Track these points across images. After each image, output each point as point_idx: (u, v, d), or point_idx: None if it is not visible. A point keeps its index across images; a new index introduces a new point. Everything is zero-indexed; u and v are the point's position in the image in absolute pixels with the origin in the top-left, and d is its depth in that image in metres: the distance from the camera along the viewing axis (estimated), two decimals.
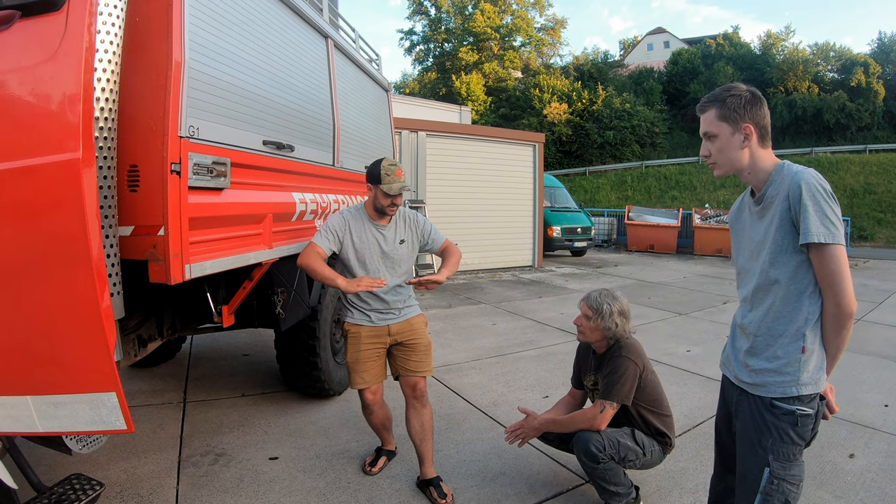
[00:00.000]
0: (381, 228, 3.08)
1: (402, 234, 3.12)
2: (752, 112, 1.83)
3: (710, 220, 16.96)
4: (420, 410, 3.11)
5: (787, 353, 1.81)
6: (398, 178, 2.92)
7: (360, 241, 3.03)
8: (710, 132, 1.89)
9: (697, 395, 4.62)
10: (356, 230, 3.03)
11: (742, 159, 1.87)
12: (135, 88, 2.13)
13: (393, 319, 3.09)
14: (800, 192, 1.71)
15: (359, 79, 4.88)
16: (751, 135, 1.83)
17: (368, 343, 3.05)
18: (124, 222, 2.13)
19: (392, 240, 3.09)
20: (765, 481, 1.83)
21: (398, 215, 3.12)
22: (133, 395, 4.21)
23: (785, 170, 1.81)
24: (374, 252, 3.05)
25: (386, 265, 3.07)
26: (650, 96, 38.59)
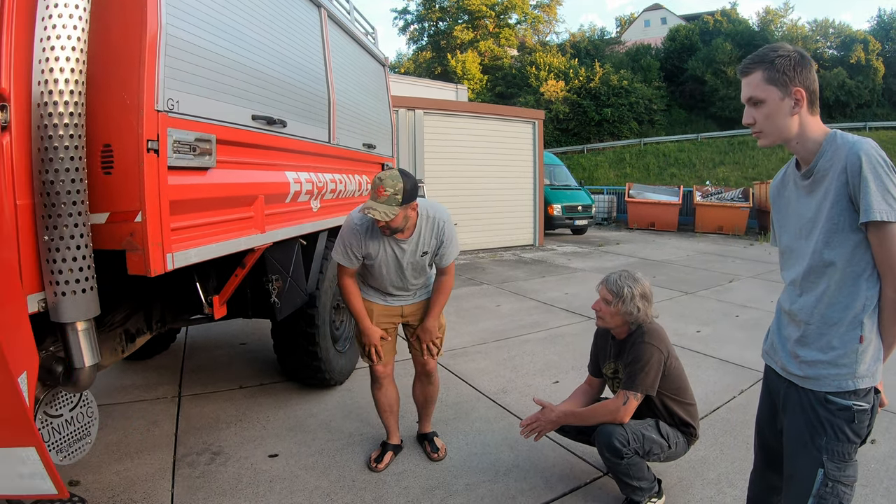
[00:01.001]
0: (400, 243, 2.86)
1: (426, 244, 2.90)
2: (802, 74, 1.62)
3: (711, 197, 16.76)
4: (426, 384, 3.23)
5: (843, 343, 1.63)
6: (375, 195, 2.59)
7: (378, 256, 2.87)
8: (756, 97, 1.66)
9: (713, 379, 4.46)
10: (373, 247, 2.85)
11: (791, 127, 1.65)
12: (106, 58, 1.89)
13: (408, 301, 3.08)
14: (859, 165, 1.51)
15: (354, 52, 4.62)
16: (801, 100, 1.62)
17: (380, 320, 3.05)
18: (98, 209, 1.90)
19: (412, 252, 2.89)
20: (818, 483, 1.66)
21: (424, 223, 2.86)
22: (126, 390, 4.01)
23: (839, 139, 1.60)
24: (391, 265, 2.92)
25: (406, 272, 2.96)
26: (648, 73, 38.12)
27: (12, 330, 1.46)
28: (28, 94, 1.66)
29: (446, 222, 2.90)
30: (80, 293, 1.76)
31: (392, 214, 2.57)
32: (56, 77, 1.65)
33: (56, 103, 1.65)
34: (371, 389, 3.18)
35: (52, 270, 1.71)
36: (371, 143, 4.85)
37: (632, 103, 35.39)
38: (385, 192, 2.57)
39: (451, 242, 2.93)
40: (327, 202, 3.81)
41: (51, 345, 1.97)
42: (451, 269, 3.02)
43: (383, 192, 2.57)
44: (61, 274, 1.71)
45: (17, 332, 1.49)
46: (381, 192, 2.57)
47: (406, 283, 3.00)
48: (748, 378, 4.52)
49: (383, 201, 2.57)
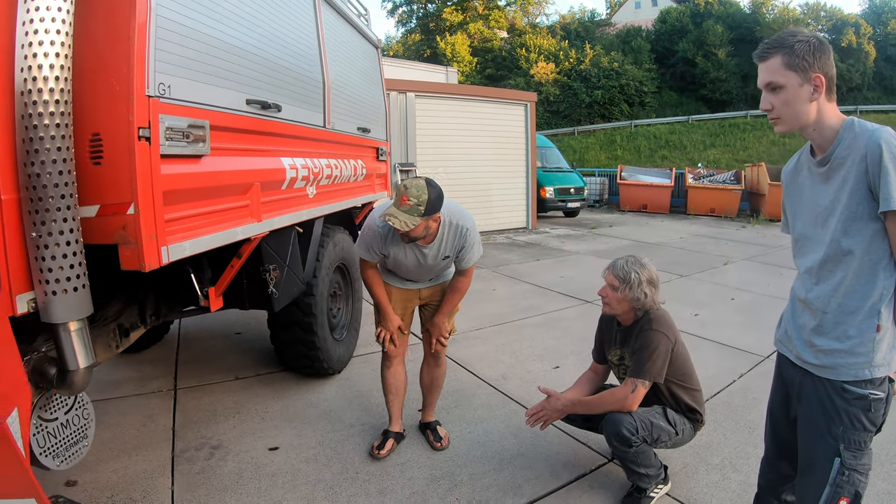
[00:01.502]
0: (421, 248, 2.84)
1: (448, 250, 2.87)
2: (821, 60, 1.57)
3: (703, 179, 16.73)
4: (433, 368, 3.23)
5: (859, 332, 1.61)
6: (397, 204, 2.55)
7: (398, 258, 2.88)
8: (774, 82, 1.61)
9: (712, 362, 4.45)
10: (394, 250, 2.84)
11: (810, 114, 1.61)
12: (93, 41, 1.78)
13: (425, 284, 3.11)
14: (880, 154, 1.48)
15: (348, 33, 4.50)
16: (820, 86, 1.58)
17: (397, 303, 3.08)
18: (87, 201, 1.80)
19: (433, 256, 2.88)
20: (835, 472, 1.65)
21: (447, 230, 2.81)
22: (120, 385, 3.92)
23: (857, 127, 1.56)
24: (410, 266, 2.92)
25: (425, 272, 3.00)
26: (638, 55, 37.97)
27: None
28: (11, 82, 1.56)
29: (469, 229, 2.85)
30: (72, 292, 1.66)
31: (412, 225, 2.53)
32: (41, 63, 1.53)
33: (41, 91, 1.54)
34: (381, 368, 3.19)
35: (42, 269, 1.61)
36: (366, 126, 4.75)
37: (622, 85, 35.30)
38: (408, 202, 2.52)
39: (473, 247, 2.89)
40: (323, 188, 3.73)
41: (42, 345, 1.88)
42: (470, 271, 3.00)
43: (406, 202, 2.52)
44: (51, 272, 1.62)
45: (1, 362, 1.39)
46: (403, 200, 2.53)
47: (423, 279, 3.07)
48: (747, 361, 4.51)
49: (405, 210, 2.53)
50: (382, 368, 3.18)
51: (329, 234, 4.03)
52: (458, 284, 3.02)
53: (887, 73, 34.88)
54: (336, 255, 4.12)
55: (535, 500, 2.69)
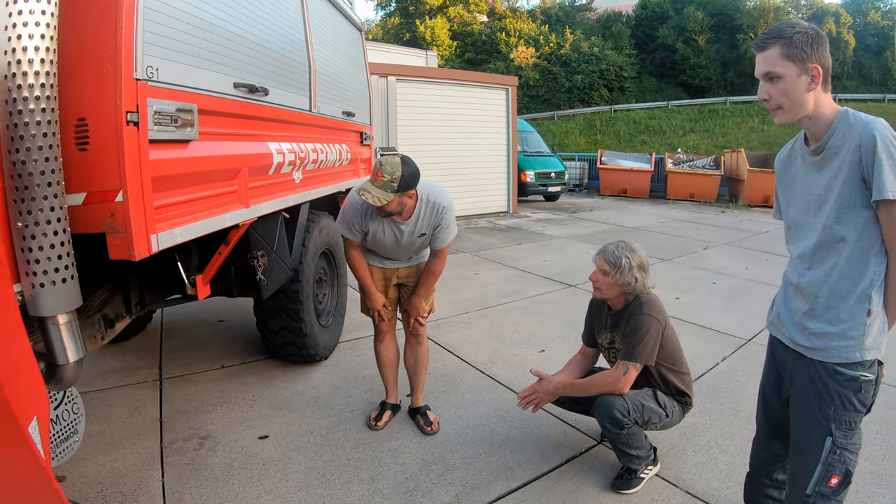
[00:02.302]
0: (398, 224, 2.91)
1: (424, 227, 2.94)
2: (818, 52, 1.60)
3: (683, 164, 16.89)
4: (415, 347, 3.28)
5: (851, 316, 1.65)
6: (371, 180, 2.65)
7: (377, 234, 2.94)
8: (773, 72, 1.63)
9: (695, 345, 4.51)
10: (372, 226, 2.92)
11: (807, 104, 1.64)
12: (79, 23, 1.71)
13: (402, 264, 3.17)
14: (874, 144, 1.52)
15: (333, 16, 4.42)
16: (818, 77, 1.61)
17: (378, 277, 3.16)
18: (74, 189, 1.73)
19: (409, 233, 2.95)
20: (826, 451, 1.70)
21: (424, 207, 2.90)
22: (105, 376, 3.85)
23: (851, 118, 1.60)
24: (388, 243, 2.98)
25: (403, 249, 3.05)
26: (618, 40, 38.01)
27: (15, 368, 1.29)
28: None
29: (446, 208, 2.93)
30: (60, 283, 1.60)
31: (385, 200, 2.62)
32: (25, 45, 1.46)
33: (26, 74, 1.47)
34: (374, 343, 3.31)
35: (29, 260, 1.55)
36: (350, 110, 4.69)
37: (602, 70, 35.35)
38: (382, 178, 2.61)
39: (448, 227, 2.97)
40: (309, 173, 3.68)
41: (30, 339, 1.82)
42: (444, 252, 3.06)
43: (380, 178, 2.61)
44: (38, 263, 1.56)
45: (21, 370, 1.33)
46: (378, 176, 2.62)
47: (402, 257, 3.12)
48: (729, 344, 4.59)
49: (379, 186, 2.62)
50: (375, 343, 3.29)
51: (314, 219, 3.99)
52: (433, 267, 3.08)
53: (866, 63, 35.40)
54: (321, 241, 4.08)
55: (527, 482, 2.71)
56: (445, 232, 2.97)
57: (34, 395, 1.36)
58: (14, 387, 1.25)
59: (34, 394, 1.37)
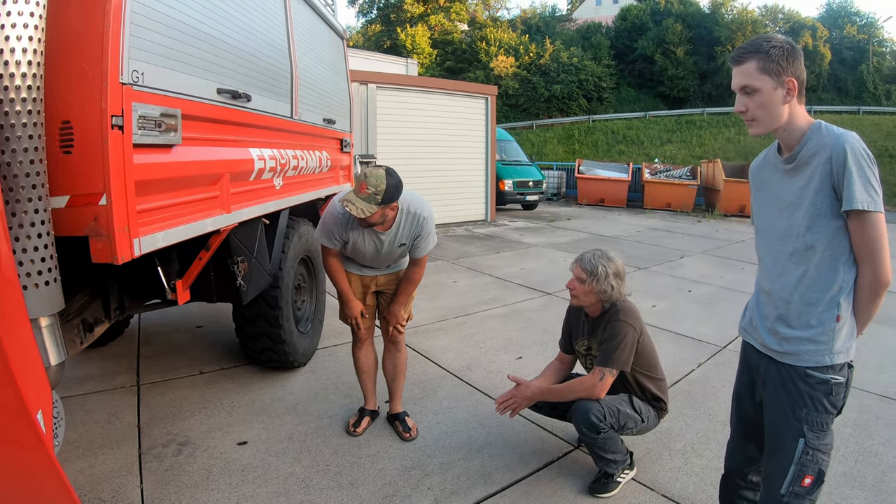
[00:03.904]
0: (379, 234, 2.93)
1: (404, 237, 2.97)
2: (794, 65, 1.67)
3: (660, 174, 17.15)
4: (394, 354, 3.29)
5: (820, 322, 1.72)
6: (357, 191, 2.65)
7: (357, 243, 2.96)
8: (750, 86, 1.69)
9: (671, 352, 4.60)
10: (353, 235, 2.93)
11: (783, 116, 1.70)
12: (66, 25, 1.71)
13: (381, 272, 3.17)
14: (844, 156, 1.58)
15: (315, 24, 4.44)
16: (793, 90, 1.67)
17: (356, 285, 3.16)
18: (57, 192, 1.73)
19: (390, 242, 2.97)
20: (799, 452, 1.75)
21: (404, 219, 2.92)
22: (82, 382, 3.80)
23: (824, 130, 1.67)
24: (368, 252, 3.00)
25: (382, 258, 3.07)
26: (598, 51, 38.54)
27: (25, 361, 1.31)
28: None
29: (426, 218, 2.95)
30: (44, 286, 1.60)
31: (369, 212, 2.63)
32: (13, 46, 1.46)
33: (13, 75, 1.47)
34: (352, 350, 3.30)
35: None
36: (331, 118, 4.71)
37: (581, 80, 35.77)
38: (366, 190, 2.62)
39: (429, 237, 2.99)
40: (289, 179, 3.68)
41: None
42: (423, 261, 3.10)
43: (364, 190, 2.63)
44: (22, 266, 1.55)
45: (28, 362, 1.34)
46: (362, 188, 2.63)
47: (381, 265, 3.14)
48: (705, 351, 4.68)
49: (363, 198, 2.63)
50: (353, 350, 3.29)
51: (294, 225, 4.00)
52: (412, 275, 3.11)
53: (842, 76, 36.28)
54: (301, 247, 4.08)
55: (505, 487, 2.74)
56: (426, 241, 2.99)
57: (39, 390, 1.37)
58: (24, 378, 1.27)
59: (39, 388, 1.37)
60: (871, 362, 4.46)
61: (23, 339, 1.35)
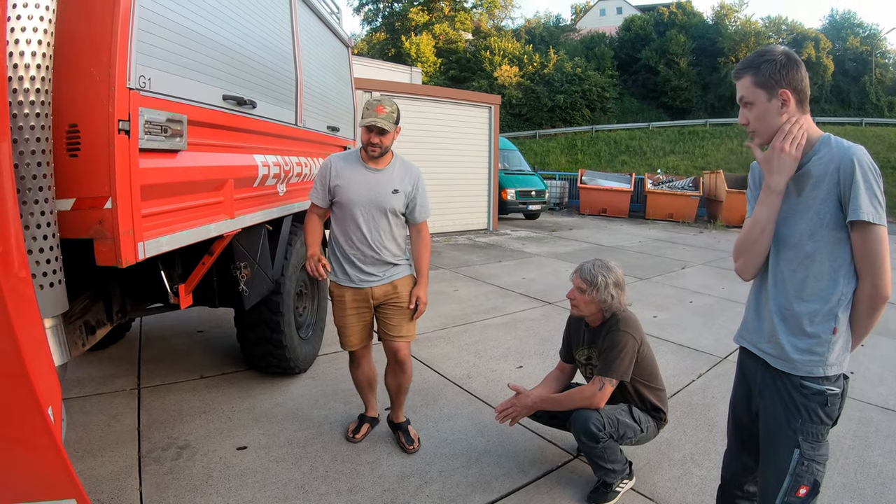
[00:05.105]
0: (371, 170, 2.93)
1: (399, 182, 2.95)
2: (788, 76, 1.70)
3: (662, 185, 17.17)
4: (399, 374, 3.14)
5: (817, 333, 1.72)
6: (375, 113, 2.76)
7: (350, 182, 2.89)
8: (746, 99, 1.77)
9: (671, 363, 4.60)
10: (342, 171, 2.92)
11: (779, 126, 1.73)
12: (74, 31, 1.74)
13: (377, 282, 2.99)
14: (852, 169, 1.61)
15: (320, 32, 4.48)
16: (788, 100, 1.71)
17: (353, 308, 3.02)
18: (63, 194, 1.75)
19: (385, 184, 2.92)
20: (794, 463, 1.75)
21: (399, 162, 3.00)
22: (82, 384, 3.81)
23: (833, 143, 1.70)
24: (359, 190, 2.89)
25: (376, 216, 2.92)
26: (601, 61, 38.64)
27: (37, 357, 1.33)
28: None
29: (419, 175, 3.05)
30: (48, 287, 1.62)
31: (391, 127, 2.79)
32: (22, 50, 1.50)
33: (21, 78, 1.50)
34: (349, 368, 3.24)
35: None
36: (335, 125, 4.74)
37: (585, 90, 35.81)
38: (385, 110, 2.77)
39: (425, 195, 3.06)
40: (293, 186, 3.71)
41: None
42: (425, 227, 3.11)
43: (383, 110, 2.77)
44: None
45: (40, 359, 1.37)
46: (380, 109, 2.77)
47: (375, 239, 2.92)
48: (705, 362, 4.67)
49: (384, 117, 2.77)
50: (351, 369, 3.24)
51: (297, 232, 4.01)
52: (423, 241, 3.09)
53: (844, 87, 36.31)
54: (303, 254, 4.08)
55: (504, 495, 2.74)
56: (424, 200, 3.04)
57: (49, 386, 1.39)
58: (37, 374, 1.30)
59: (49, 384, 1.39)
60: (872, 374, 4.46)
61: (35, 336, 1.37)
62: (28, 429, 1.32)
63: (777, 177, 1.72)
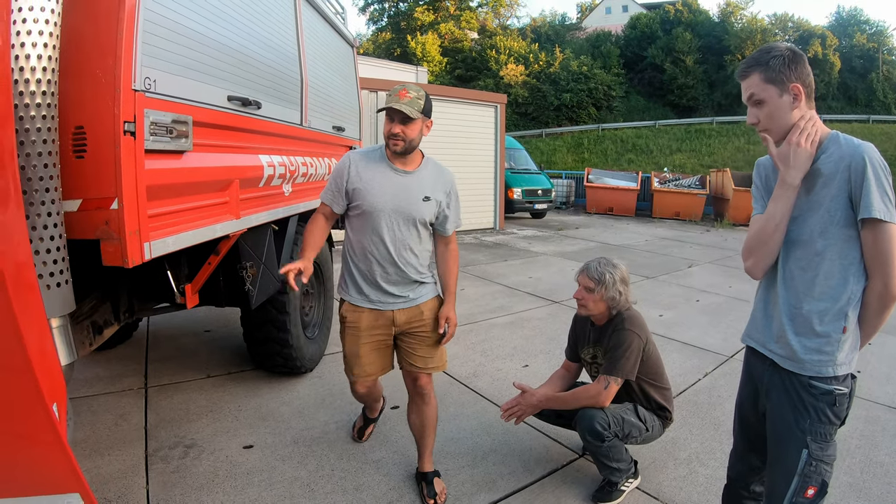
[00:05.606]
0: (399, 172, 2.47)
1: (429, 188, 2.50)
2: (797, 71, 1.69)
3: (669, 183, 17.11)
4: (421, 407, 2.69)
5: (827, 332, 1.71)
6: (397, 98, 2.32)
7: (372, 183, 2.42)
8: (756, 96, 1.73)
9: (677, 362, 4.59)
10: (364, 171, 2.44)
11: (793, 121, 1.72)
12: (80, 33, 1.76)
13: (401, 304, 2.55)
14: (864, 166, 1.60)
15: (325, 32, 4.49)
16: (800, 95, 1.70)
17: (370, 335, 2.55)
18: (70, 195, 1.77)
19: (415, 190, 2.46)
20: (803, 463, 1.74)
21: (431, 165, 2.56)
22: (90, 383, 3.84)
23: (842, 140, 1.69)
24: (381, 195, 2.42)
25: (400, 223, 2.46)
26: (607, 60, 38.59)
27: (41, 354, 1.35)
28: None
29: (453, 182, 2.64)
30: (55, 287, 1.64)
31: (415, 114, 2.32)
32: (28, 53, 1.51)
33: (28, 81, 1.51)
34: (351, 389, 2.80)
35: None
36: (340, 125, 4.75)
37: (591, 89, 35.78)
38: (408, 95, 2.33)
39: (458, 204, 2.67)
40: (298, 186, 3.72)
41: None
42: (454, 239, 2.73)
43: (406, 95, 2.33)
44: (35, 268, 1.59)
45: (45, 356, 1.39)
46: (403, 94, 2.33)
47: (400, 254, 2.48)
48: (711, 361, 4.66)
49: (406, 102, 2.32)
50: (352, 389, 2.78)
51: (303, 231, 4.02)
52: (449, 258, 2.69)
53: (851, 84, 36.07)
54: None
55: (509, 494, 2.75)
56: (456, 210, 2.64)
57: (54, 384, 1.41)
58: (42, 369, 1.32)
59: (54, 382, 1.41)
60: (879, 373, 4.44)
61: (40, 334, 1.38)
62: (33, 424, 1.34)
63: (794, 171, 1.70)
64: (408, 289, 2.55)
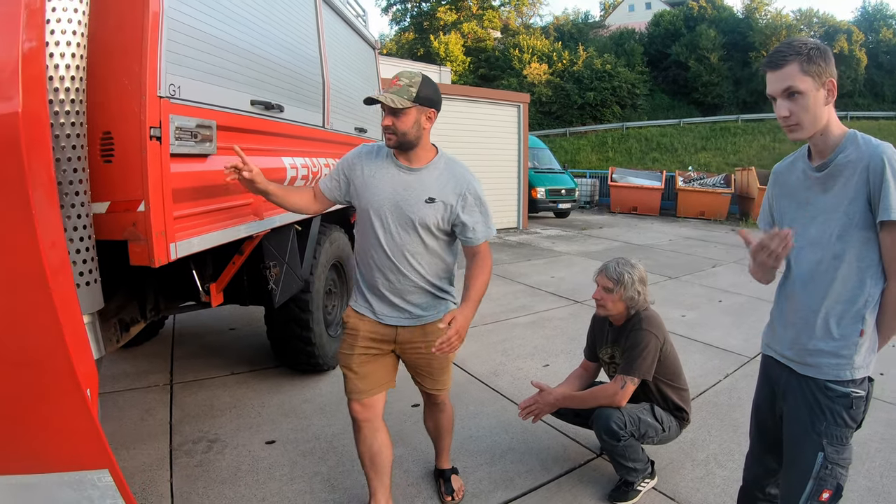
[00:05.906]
0: (403, 168, 2.23)
1: (438, 190, 2.20)
2: (830, 66, 1.64)
3: (693, 182, 16.89)
4: (437, 414, 2.64)
5: (844, 336, 1.69)
6: (388, 88, 2.12)
7: (373, 177, 2.23)
8: (794, 87, 1.62)
9: (698, 363, 4.56)
10: (367, 164, 2.26)
11: (824, 118, 1.67)
12: (106, 42, 1.83)
13: (405, 321, 2.32)
14: (882, 167, 1.57)
15: (347, 35, 4.56)
16: (833, 90, 1.65)
17: (365, 343, 2.33)
18: (98, 198, 1.84)
19: (417, 188, 2.20)
20: (818, 466, 1.73)
21: (444, 163, 2.27)
22: (117, 379, 3.97)
23: (860, 139, 1.65)
24: (380, 197, 2.21)
25: (396, 229, 2.22)
26: (631, 57, 38.19)
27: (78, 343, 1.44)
28: None
29: (472, 184, 2.28)
30: (85, 286, 1.71)
31: (401, 104, 2.06)
32: (56, 62, 1.59)
33: (57, 90, 1.59)
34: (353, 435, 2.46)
35: None
36: (363, 126, 4.81)
37: (615, 87, 35.47)
38: (398, 83, 2.10)
39: (484, 211, 2.29)
40: None
41: None
42: (484, 251, 2.29)
43: (396, 83, 2.10)
44: None
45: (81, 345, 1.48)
46: (393, 82, 2.11)
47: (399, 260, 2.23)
48: (733, 362, 4.61)
49: (394, 91, 2.09)
50: (354, 436, 2.45)
51: (326, 232, 4.09)
52: (477, 265, 2.26)
53: (878, 80, 35.13)
54: (332, 253, 4.18)
55: (526, 492, 2.77)
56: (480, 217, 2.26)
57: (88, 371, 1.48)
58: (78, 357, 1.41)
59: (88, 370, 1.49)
60: None
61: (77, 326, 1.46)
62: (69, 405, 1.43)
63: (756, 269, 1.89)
64: (413, 304, 2.30)
